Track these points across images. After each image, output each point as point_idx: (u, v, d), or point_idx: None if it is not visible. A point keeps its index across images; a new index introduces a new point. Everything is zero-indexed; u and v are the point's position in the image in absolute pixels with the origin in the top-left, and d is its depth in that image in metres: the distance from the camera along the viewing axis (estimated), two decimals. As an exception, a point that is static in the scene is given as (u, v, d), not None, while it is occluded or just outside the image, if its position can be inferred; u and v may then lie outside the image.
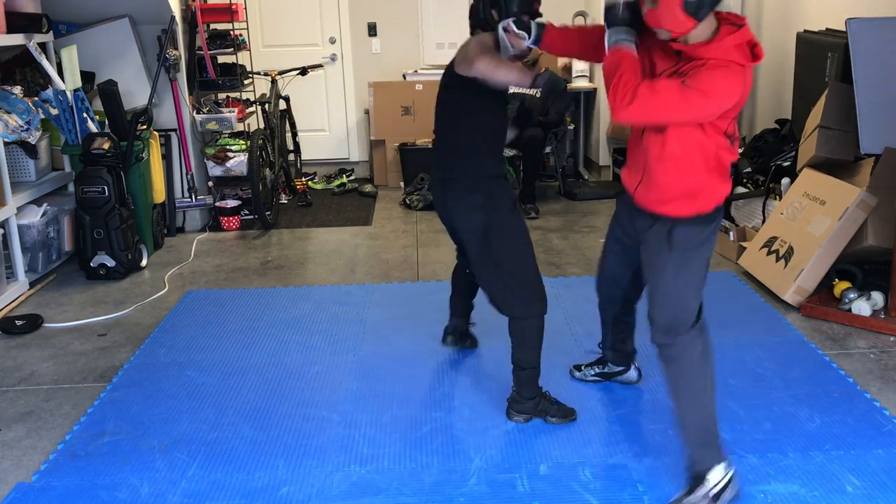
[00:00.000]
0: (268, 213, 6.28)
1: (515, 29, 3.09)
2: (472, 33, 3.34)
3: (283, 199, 7.06)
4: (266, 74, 6.93)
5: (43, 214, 5.16)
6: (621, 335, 3.50)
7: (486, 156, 3.25)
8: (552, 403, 3.33)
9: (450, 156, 3.27)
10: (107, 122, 5.45)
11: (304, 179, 7.36)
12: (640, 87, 2.59)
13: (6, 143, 4.87)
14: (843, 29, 4.53)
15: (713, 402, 2.78)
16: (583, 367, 3.69)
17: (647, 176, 2.86)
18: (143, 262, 5.44)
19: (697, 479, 2.72)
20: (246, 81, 6.76)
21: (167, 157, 6.14)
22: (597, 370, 3.65)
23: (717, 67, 2.58)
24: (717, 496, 2.70)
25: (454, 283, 3.91)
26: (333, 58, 7.98)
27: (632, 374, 3.61)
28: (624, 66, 2.66)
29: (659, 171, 2.81)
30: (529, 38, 3.10)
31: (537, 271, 3.26)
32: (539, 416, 3.31)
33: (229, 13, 6.45)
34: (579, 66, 7.55)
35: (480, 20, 3.26)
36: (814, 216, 4.52)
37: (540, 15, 3.20)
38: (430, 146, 7.36)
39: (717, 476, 2.70)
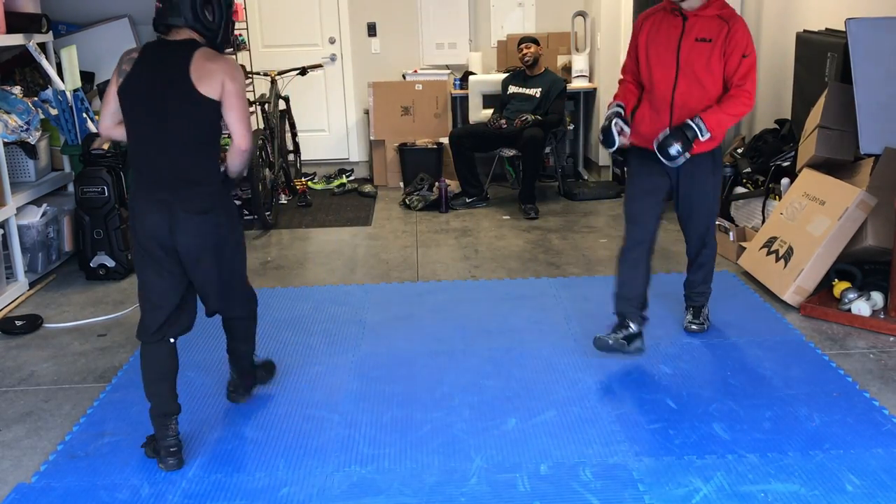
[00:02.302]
0: (267, 213, 6.28)
1: (624, 125, 3.70)
2: (161, 26, 3.05)
3: (283, 200, 7.06)
4: (266, 74, 6.93)
5: (43, 215, 5.16)
6: (646, 282, 3.87)
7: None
8: (259, 368, 3.64)
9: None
10: (106, 123, 5.44)
11: (303, 180, 7.36)
12: (747, 96, 3.60)
13: (6, 144, 4.88)
14: (843, 29, 4.53)
15: None
16: (632, 341, 3.79)
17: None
18: (143, 263, 5.43)
19: (698, 309, 4.15)
20: (246, 81, 6.74)
21: (167, 158, 6.12)
22: (624, 333, 3.81)
23: (738, 26, 3.58)
24: (708, 315, 4.19)
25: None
26: (333, 58, 7.98)
27: (642, 341, 3.88)
28: (725, 115, 3.62)
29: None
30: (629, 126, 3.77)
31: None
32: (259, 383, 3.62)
33: (229, 13, 6.44)
34: (578, 65, 7.55)
35: (190, 21, 2.97)
36: (813, 216, 4.52)
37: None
38: (430, 146, 7.38)
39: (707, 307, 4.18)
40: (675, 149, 3.53)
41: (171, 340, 3.10)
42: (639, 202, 3.85)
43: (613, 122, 3.70)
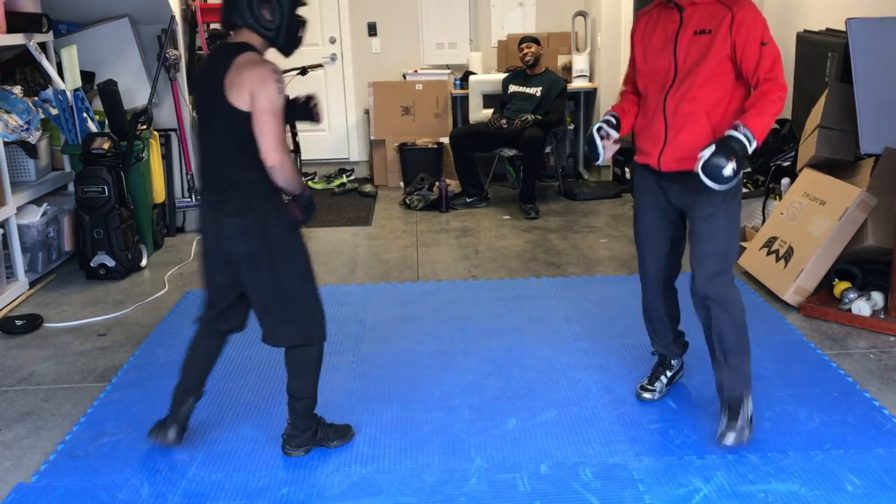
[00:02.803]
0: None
1: (611, 130, 3.21)
2: (225, 25, 2.96)
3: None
4: (266, 74, 6.91)
5: (43, 214, 5.16)
6: (675, 322, 3.45)
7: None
8: (328, 427, 3.17)
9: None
10: (107, 122, 5.45)
11: (304, 179, 7.34)
12: (778, 88, 2.91)
13: (6, 143, 4.87)
14: (843, 29, 4.54)
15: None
16: (648, 385, 3.48)
17: (693, 142, 2.99)
18: (143, 262, 5.44)
19: (736, 408, 3.05)
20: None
21: (167, 157, 6.14)
22: (664, 378, 3.49)
23: (746, 13, 2.91)
24: (751, 418, 3.09)
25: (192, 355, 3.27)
26: (333, 58, 7.98)
27: (680, 360, 3.58)
28: (766, 116, 2.89)
29: (699, 130, 3.00)
30: (618, 132, 3.25)
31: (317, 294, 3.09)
32: (319, 444, 3.14)
33: (229, 13, 6.44)
34: (579, 65, 7.55)
35: (247, 20, 2.87)
36: (814, 216, 4.52)
37: (307, 5, 3.04)
38: (430, 146, 7.37)
39: (749, 403, 3.08)
40: (729, 168, 2.77)
41: (223, 331, 3.16)
42: (645, 243, 3.32)
43: (597, 127, 3.24)
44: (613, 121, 3.23)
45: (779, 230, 4.73)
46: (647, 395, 3.46)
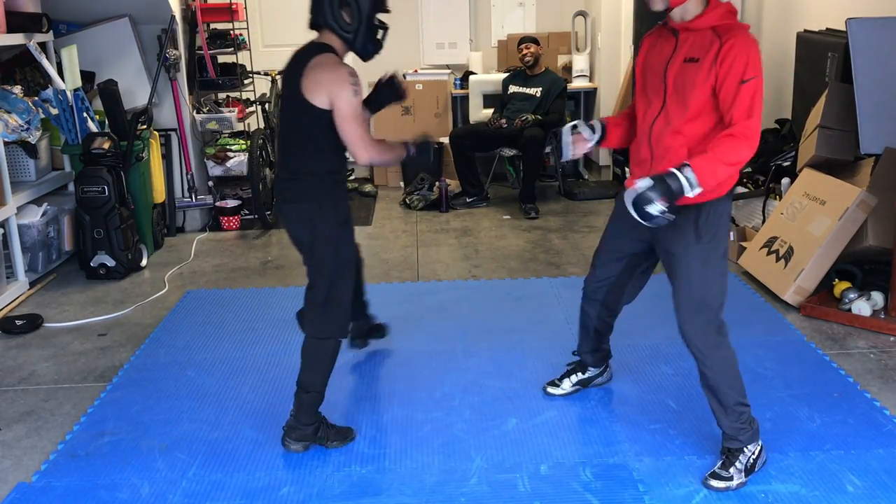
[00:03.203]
0: (268, 212, 6.27)
1: (585, 133, 3.05)
2: (312, 27, 3.11)
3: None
4: (266, 74, 6.93)
5: (43, 214, 5.15)
6: (601, 336, 3.44)
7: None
8: (330, 428, 3.19)
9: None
10: (107, 122, 5.45)
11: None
12: (746, 138, 2.65)
13: (6, 143, 4.87)
14: (843, 29, 4.54)
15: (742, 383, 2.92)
16: (557, 382, 3.56)
17: (651, 169, 2.85)
18: (143, 262, 5.44)
19: (733, 455, 2.88)
20: (246, 81, 6.76)
21: (167, 157, 6.14)
22: (576, 378, 3.55)
23: (736, 41, 2.66)
24: (754, 464, 2.89)
25: None
26: (333, 58, 7.97)
27: (607, 375, 3.60)
28: (720, 160, 2.66)
29: (667, 163, 2.77)
30: (595, 136, 3.07)
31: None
32: (318, 442, 3.16)
33: (229, 13, 6.45)
34: (579, 65, 7.55)
35: (328, 22, 3.03)
36: (814, 216, 4.52)
37: (389, 12, 3.13)
38: (429, 146, 7.36)
39: (753, 452, 2.89)
40: (655, 209, 2.59)
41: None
42: (601, 254, 3.25)
43: (572, 124, 3.09)
44: (597, 125, 3.10)
45: (779, 230, 4.73)
46: (550, 390, 3.54)
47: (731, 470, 2.85)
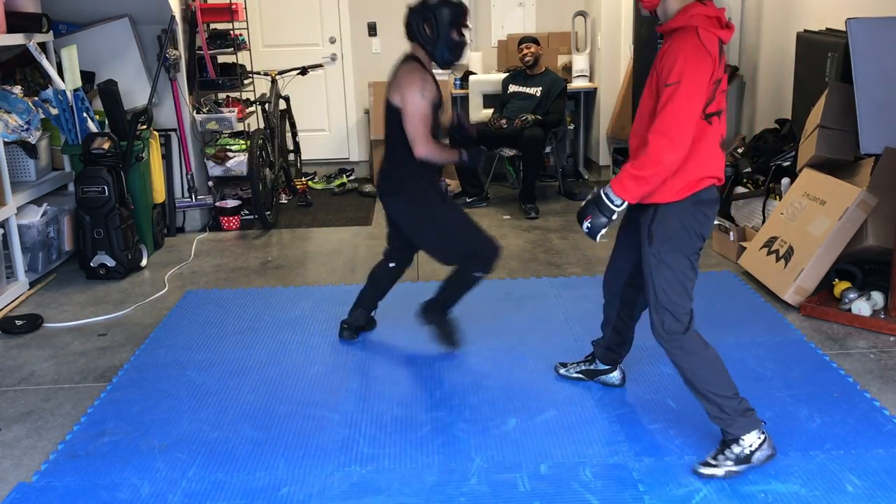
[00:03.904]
0: (268, 213, 6.28)
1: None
2: (408, 38, 3.68)
3: (283, 199, 7.06)
4: (266, 74, 6.93)
5: (43, 214, 5.16)
6: (620, 336, 3.48)
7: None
8: (448, 325, 3.95)
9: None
10: (107, 122, 5.45)
11: (304, 179, 7.36)
12: (660, 146, 2.73)
13: (6, 143, 4.87)
14: (843, 29, 4.53)
15: (727, 374, 2.94)
16: (568, 365, 3.69)
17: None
18: (143, 262, 5.44)
19: (727, 443, 2.91)
20: (246, 81, 6.76)
21: (167, 157, 6.14)
22: (583, 367, 3.64)
23: (674, 46, 2.73)
24: (751, 456, 2.88)
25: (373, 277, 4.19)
26: (333, 58, 7.98)
27: (615, 376, 3.59)
28: (646, 174, 2.77)
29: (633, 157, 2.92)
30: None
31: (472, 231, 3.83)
32: (439, 328, 3.94)
33: (229, 13, 6.45)
34: (579, 65, 7.55)
35: (414, 35, 3.62)
36: (814, 216, 4.52)
37: (469, 28, 3.65)
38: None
39: (751, 438, 2.89)
40: (584, 224, 2.97)
41: (391, 265, 4.08)
42: (615, 249, 3.34)
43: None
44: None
45: (779, 230, 4.73)
46: (560, 369, 3.70)
47: (720, 458, 2.89)
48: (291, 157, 7.51)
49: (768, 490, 2.82)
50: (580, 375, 3.64)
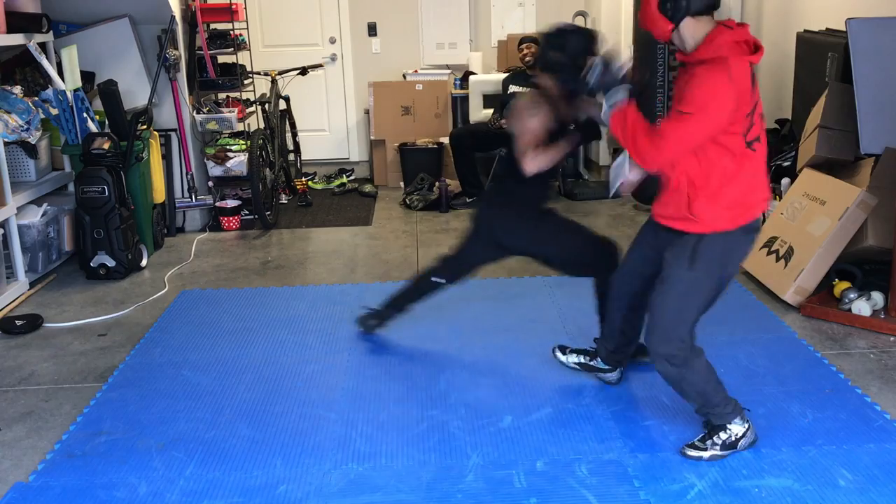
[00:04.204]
0: (268, 213, 6.29)
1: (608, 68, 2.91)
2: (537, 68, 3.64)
3: (283, 199, 7.07)
4: (266, 74, 6.94)
5: (43, 214, 5.17)
6: (625, 338, 3.43)
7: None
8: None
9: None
10: (107, 122, 5.46)
11: (304, 179, 7.37)
12: (651, 139, 2.73)
13: (6, 143, 4.88)
14: (843, 29, 4.53)
15: (717, 380, 3.00)
16: (567, 351, 3.65)
17: (663, 191, 2.95)
18: (143, 262, 5.45)
19: (714, 430, 3.00)
20: (246, 81, 6.77)
21: (167, 157, 6.15)
22: (582, 360, 3.61)
23: (699, 76, 2.65)
24: (736, 442, 2.98)
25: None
26: (333, 58, 8.00)
27: (613, 375, 3.58)
28: (630, 126, 2.78)
29: (671, 188, 2.88)
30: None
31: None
32: None
33: (229, 13, 6.46)
34: (579, 66, 7.54)
35: (544, 61, 3.38)
36: (814, 216, 4.52)
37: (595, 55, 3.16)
38: (430, 146, 7.38)
39: (736, 427, 2.98)
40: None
41: (441, 280, 4.01)
42: (628, 252, 3.31)
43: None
44: None
45: (779, 230, 4.72)
46: (557, 353, 3.68)
47: (708, 443, 2.98)
48: (291, 157, 7.53)
49: (762, 485, 2.83)
50: (576, 366, 3.62)
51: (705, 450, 2.97)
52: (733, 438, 2.97)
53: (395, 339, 4.16)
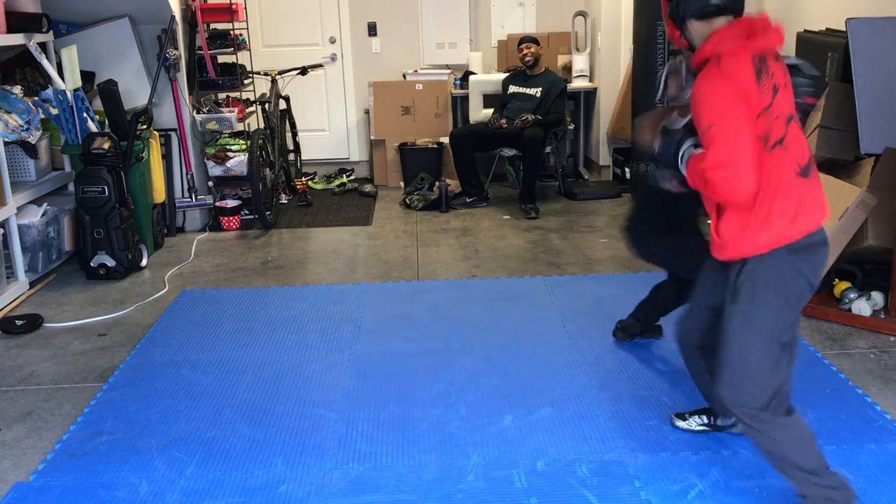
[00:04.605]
0: (268, 212, 6.29)
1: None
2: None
3: (283, 199, 7.07)
4: (266, 74, 6.94)
5: (43, 214, 5.17)
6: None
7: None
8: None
9: None
10: (107, 122, 5.46)
11: (304, 179, 7.37)
12: (720, 173, 2.38)
13: (6, 143, 4.89)
14: (843, 29, 4.53)
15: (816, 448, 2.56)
16: (687, 416, 3.23)
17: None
18: (143, 262, 5.45)
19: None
20: (246, 81, 6.77)
21: (167, 157, 6.15)
22: (704, 420, 3.20)
23: (696, 85, 2.47)
24: None
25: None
26: (333, 58, 7.99)
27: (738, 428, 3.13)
28: (699, 175, 2.48)
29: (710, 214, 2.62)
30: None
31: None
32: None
33: (229, 13, 6.46)
34: (579, 65, 7.55)
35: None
36: (812, 215, 4.51)
37: None
38: (430, 146, 7.38)
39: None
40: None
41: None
42: (693, 299, 2.91)
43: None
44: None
45: (778, 229, 4.72)
46: (678, 422, 3.24)
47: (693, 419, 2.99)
48: (291, 157, 7.53)
49: (762, 485, 2.83)
50: (704, 428, 3.19)
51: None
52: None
53: (395, 340, 4.16)
